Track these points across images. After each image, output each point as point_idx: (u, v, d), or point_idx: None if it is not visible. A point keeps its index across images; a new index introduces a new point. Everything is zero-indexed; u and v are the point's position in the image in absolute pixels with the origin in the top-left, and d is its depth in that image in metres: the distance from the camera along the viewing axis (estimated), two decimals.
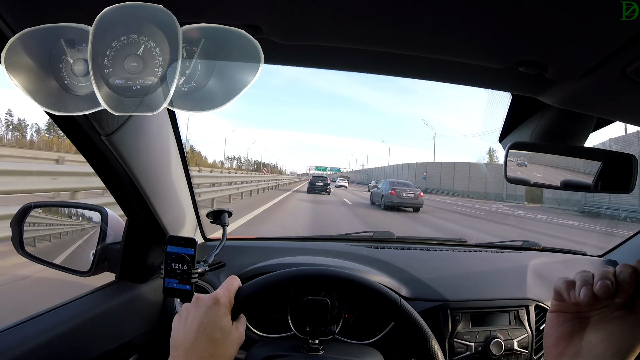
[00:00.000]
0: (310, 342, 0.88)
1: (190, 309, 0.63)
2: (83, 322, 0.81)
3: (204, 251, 1.01)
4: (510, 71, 0.56)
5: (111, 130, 0.66)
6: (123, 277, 0.97)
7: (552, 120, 0.81)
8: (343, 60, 0.62)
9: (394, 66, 0.63)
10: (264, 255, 1.21)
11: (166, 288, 0.81)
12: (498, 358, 1.04)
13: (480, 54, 0.53)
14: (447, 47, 0.52)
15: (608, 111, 0.70)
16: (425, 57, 0.56)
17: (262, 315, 1.07)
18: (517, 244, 1.60)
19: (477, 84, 0.69)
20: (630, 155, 0.83)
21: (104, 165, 0.76)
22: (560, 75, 0.55)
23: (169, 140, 0.91)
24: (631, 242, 1.53)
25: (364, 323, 1.08)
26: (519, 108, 0.85)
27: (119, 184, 0.81)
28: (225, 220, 1.09)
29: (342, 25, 0.47)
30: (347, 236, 1.55)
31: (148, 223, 0.94)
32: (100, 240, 0.93)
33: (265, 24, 0.45)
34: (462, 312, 1.08)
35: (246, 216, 8.56)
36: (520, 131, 0.88)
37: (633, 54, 0.45)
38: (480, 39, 0.48)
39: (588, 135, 0.82)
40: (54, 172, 4.75)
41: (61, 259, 0.98)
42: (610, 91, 0.57)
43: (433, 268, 1.24)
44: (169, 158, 0.93)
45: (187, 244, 0.81)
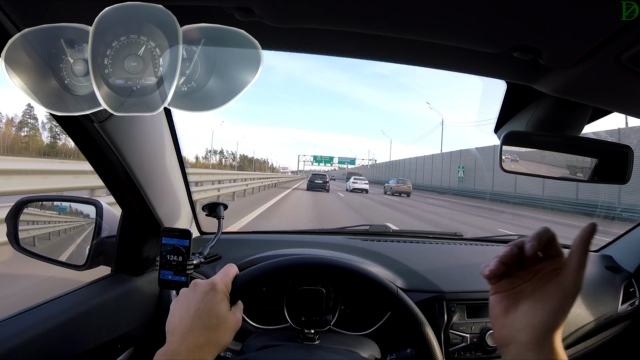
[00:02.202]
0: (306, 332, 0.89)
1: (188, 294, 0.63)
2: (78, 314, 0.81)
3: (200, 244, 1.01)
4: (504, 57, 0.56)
5: (104, 117, 0.65)
6: (119, 270, 0.97)
7: (548, 110, 0.80)
8: (336, 45, 0.62)
9: (387, 51, 0.63)
10: (260, 248, 1.21)
11: (161, 280, 0.82)
12: (493, 349, 1.05)
13: (475, 38, 0.52)
14: (441, 30, 0.51)
15: (603, 100, 0.70)
16: (419, 41, 0.56)
17: (259, 307, 1.08)
18: (513, 238, 1.59)
19: (472, 71, 0.68)
20: (626, 146, 0.82)
21: (97, 153, 0.75)
22: (555, 62, 0.55)
23: (163, 131, 0.90)
24: (626, 237, 1.55)
25: (359, 315, 1.09)
26: (514, 97, 0.84)
27: (113, 174, 0.81)
28: (221, 213, 1.09)
29: (335, 7, 0.46)
30: (343, 229, 1.55)
31: (143, 215, 0.93)
32: (96, 233, 0.92)
33: (257, 6, 0.44)
34: (457, 304, 1.09)
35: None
36: (515, 121, 0.88)
37: (627, 41, 0.45)
38: (474, 22, 0.48)
39: (584, 125, 0.82)
40: (45, 171, 4.69)
41: (57, 253, 0.97)
42: (605, 79, 0.57)
43: (428, 260, 1.25)
44: (163, 148, 0.92)
45: (182, 236, 0.81)
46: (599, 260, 1.49)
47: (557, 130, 0.81)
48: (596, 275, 1.39)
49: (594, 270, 1.42)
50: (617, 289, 1.34)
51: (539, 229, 0.47)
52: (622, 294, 1.34)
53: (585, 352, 1.26)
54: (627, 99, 0.65)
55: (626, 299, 1.34)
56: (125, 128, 0.73)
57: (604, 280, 1.37)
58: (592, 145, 0.86)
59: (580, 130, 0.83)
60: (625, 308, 1.32)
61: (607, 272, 1.42)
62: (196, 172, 14.22)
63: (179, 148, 0.99)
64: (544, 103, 0.80)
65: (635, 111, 0.71)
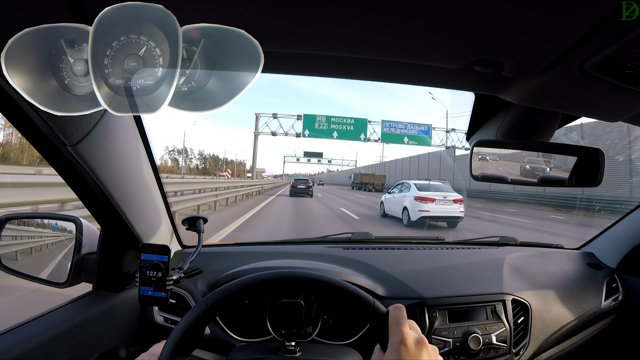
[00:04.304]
0: (287, 344, 0.88)
1: None
2: (60, 333, 0.79)
3: (182, 258, 1.00)
4: (467, 71, 0.57)
5: (76, 140, 0.66)
6: (100, 287, 0.95)
7: (516, 117, 0.81)
8: (305, 66, 0.64)
9: (356, 69, 0.65)
10: (242, 260, 1.20)
11: (142, 296, 0.81)
12: (476, 353, 1.05)
13: (435, 55, 0.54)
14: (402, 50, 0.53)
15: (570, 107, 0.71)
16: (384, 60, 0.58)
17: (242, 320, 1.07)
18: (495, 240, 1.63)
19: (438, 85, 0.70)
20: (596, 149, 0.84)
21: (72, 175, 0.75)
22: (518, 73, 0.56)
23: (136, 148, 0.90)
24: (607, 233, 1.60)
25: (342, 324, 1.08)
26: (483, 106, 0.86)
27: (90, 193, 0.81)
28: (201, 227, 1.08)
29: (302, 32, 0.48)
30: (325, 238, 1.54)
31: (122, 232, 0.93)
32: (76, 250, 0.92)
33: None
34: (438, 309, 1.08)
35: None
36: (486, 129, 0.89)
37: (590, 49, 0.47)
38: (433, 41, 0.50)
39: (554, 131, 0.84)
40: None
41: (38, 271, 0.94)
42: (570, 87, 0.59)
43: (409, 266, 1.25)
44: (137, 166, 0.92)
45: (160, 252, 0.81)
46: (580, 258, 1.53)
47: (528, 137, 0.82)
48: (578, 273, 1.42)
49: (575, 269, 1.44)
50: (599, 285, 1.37)
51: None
52: (605, 289, 1.37)
53: (571, 349, 1.28)
54: (593, 104, 0.67)
55: (609, 294, 1.37)
56: (98, 149, 0.73)
57: (586, 278, 1.40)
58: (563, 150, 0.88)
59: (551, 135, 0.84)
60: (609, 304, 1.35)
61: (589, 269, 1.45)
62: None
63: (154, 163, 0.99)
64: (513, 111, 0.82)
65: (603, 115, 0.73)
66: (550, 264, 1.42)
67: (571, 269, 1.44)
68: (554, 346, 1.24)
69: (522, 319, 1.15)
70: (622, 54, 0.48)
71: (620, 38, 0.44)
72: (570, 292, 1.31)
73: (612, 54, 0.48)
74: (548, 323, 1.19)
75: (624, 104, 0.65)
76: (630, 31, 0.43)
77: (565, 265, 1.45)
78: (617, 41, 0.45)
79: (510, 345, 1.10)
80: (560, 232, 8.47)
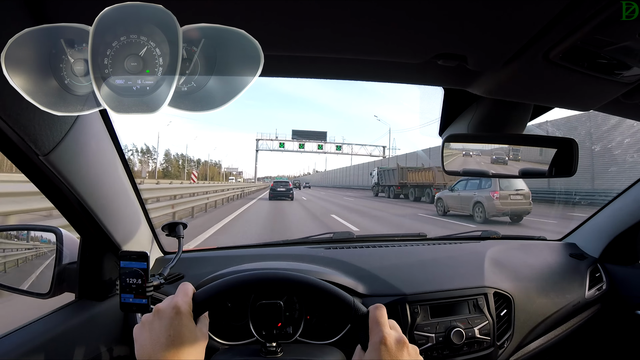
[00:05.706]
0: (268, 345, 0.88)
1: (154, 322, 0.61)
2: (43, 343, 0.77)
3: (164, 264, 0.99)
4: (430, 65, 0.57)
5: (48, 150, 0.64)
6: (82, 296, 0.93)
7: (487, 111, 0.81)
8: (273, 67, 0.63)
9: (323, 69, 0.65)
10: (223, 264, 1.19)
11: (123, 303, 0.80)
12: (460, 347, 1.05)
13: (395, 50, 0.54)
14: (361, 46, 0.53)
15: (539, 97, 0.71)
16: (343, 58, 0.58)
17: (225, 323, 1.06)
18: (476, 234, 1.65)
19: (404, 81, 0.70)
20: (570, 139, 0.85)
21: (47, 184, 0.74)
22: (482, 66, 0.56)
23: (110, 155, 0.89)
24: (589, 223, 1.62)
25: (325, 323, 1.08)
26: (453, 101, 0.85)
27: (66, 202, 0.79)
28: (180, 232, 1.07)
29: (277, 35, 0.49)
30: (307, 239, 1.53)
31: (101, 240, 0.92)
32: (58, 261, 0.89)
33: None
34: (420, 305, 1.08)
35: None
36: (457, 124, 0.88)
37: (554, 39, 0.46)
38: (391, 35, 0.50)
39: (526, 122, 0.84)
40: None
41: (20, 282, 0.92)
42: (537, 77, 0.58)
43: (390, 263, 1.26)
44: (112, 172, 0.91)
45: (139, 258, 0.81)
46: (562, 248, 1.55)
47: (500, 130, 0.82)
48: (561, 264, 1.44)
49: (558, 260, 1.47)
50: (582, 275, 1.40)
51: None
52: (589, 279, 1.39)
53: (556, 339, 1.30)
54: (562, 94, 0.67)
55: (593, 284, 1.40)
56: (71, 158, 0.72)
57: (569, 268, 1.43)
58: (537, 142, 0.88)
59: (524, 127, 0.84)
60: (593, 293, 1.38)
61: (571, 259, 1.47)
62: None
63: (129, 169, 0.98)
64: (483, 104, 0.81)
65: (574, 105, 0.73)
66: (532, 256, 1.45)
67: (554, 260, 1.47)
68: (539, 337, 1.25)
69: (505, 311, 1.17)
70: (588, 42, 0.48)
71: (584, 25, 0.44)
72: (554, 283, 1.33)
73: (576, 42, 0.47)
74: (531, 315, 1.21)
75: (594, 93, 0.65)
76: (593, 18, 0.42)
77: (547, 257, 1.47)
78: (580, 29, 0.45)
79: (493, 338, 1.11)
80: (542, 227, 8.54)
